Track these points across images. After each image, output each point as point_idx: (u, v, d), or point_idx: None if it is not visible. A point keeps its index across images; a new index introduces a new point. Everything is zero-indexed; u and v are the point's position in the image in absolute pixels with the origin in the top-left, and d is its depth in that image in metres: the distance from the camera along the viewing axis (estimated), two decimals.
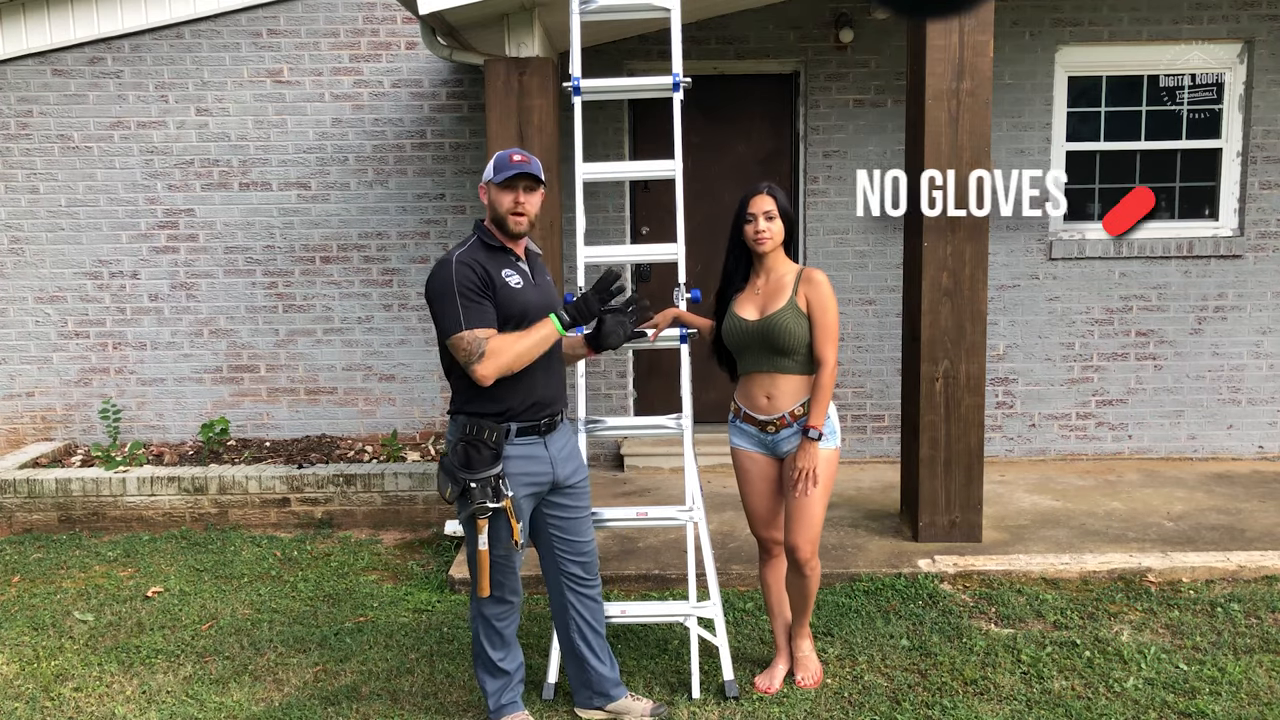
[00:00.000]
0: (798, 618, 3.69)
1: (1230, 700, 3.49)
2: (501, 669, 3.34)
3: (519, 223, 3.14)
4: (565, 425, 3.34)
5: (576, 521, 3.36)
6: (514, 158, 3.12)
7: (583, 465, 3.40)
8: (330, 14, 6.26)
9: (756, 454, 3.54)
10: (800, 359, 3.43)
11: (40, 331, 6.47)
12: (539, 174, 3.14)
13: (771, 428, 3.46)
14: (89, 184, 6.36)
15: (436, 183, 6.39)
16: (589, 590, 3.41)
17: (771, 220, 3.42)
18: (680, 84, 3.82)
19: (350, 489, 5.62)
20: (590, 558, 3.41)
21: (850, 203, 6.28)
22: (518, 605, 3.33)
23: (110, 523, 5.64)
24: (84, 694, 3.74)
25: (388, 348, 6.51)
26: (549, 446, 3.23)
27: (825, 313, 3.39)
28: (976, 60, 4.61)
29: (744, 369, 3.53)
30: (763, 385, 3.46)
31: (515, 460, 3.15)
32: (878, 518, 5.24)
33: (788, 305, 3.39)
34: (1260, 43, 6.15)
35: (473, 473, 3.08)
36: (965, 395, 4.78)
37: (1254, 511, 5.29)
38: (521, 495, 3.18)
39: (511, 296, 3.10)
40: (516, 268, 3.17)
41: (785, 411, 3.43)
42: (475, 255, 3.12)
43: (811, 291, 3.41)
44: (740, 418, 3.55)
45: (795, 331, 3.38)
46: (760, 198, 3.44)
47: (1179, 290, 6.33)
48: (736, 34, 6.19)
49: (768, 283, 3.49)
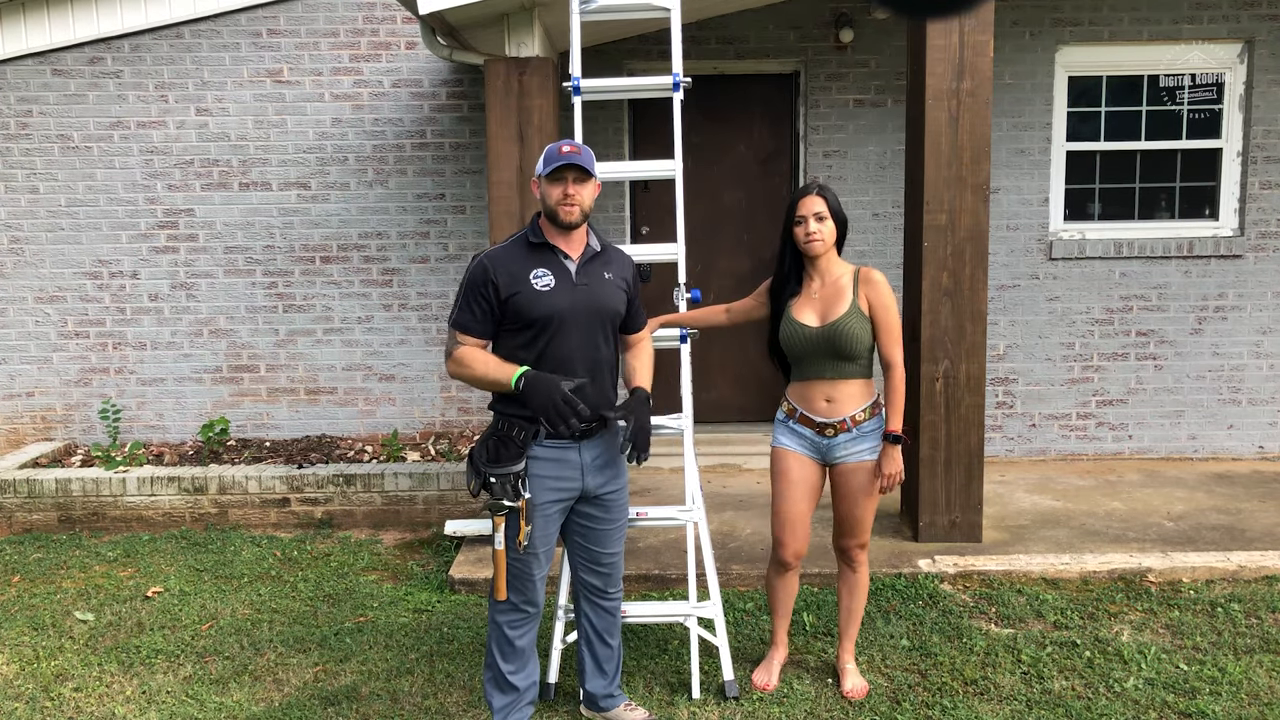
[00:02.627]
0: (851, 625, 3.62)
1: (1230, 700, 3.49)
2: (511, 684, 3.20)
3: (570, 212, 3.04)
4: (607, 436, 3.17)
5: (600, 533, 3.25)
6: (563, 149, 3.04)
7: (619, 477, 3.24)
8: (330, 14, 6.26)
9: (805, 456, 3.44)
10: (864, 363, 3.36)
11: (40, 331, 6.47)
12: (586, 165, 3.03)
13: (830, 430, 3.37)
14: (89, 184, 6.36)
15: (436, 183, 6.39)
16: (604, 602, 3.35)
17: (822, 221, 3.31)
18: (680, 84, 3.81)
19: (350, 489, 5.62)
20: (610, 570, 3.31)
21: (850, 203, 6.28)
22: (535, 617, 3.19)
23: (110, 523, 5.63)
24: (84, 694, 3.74)
25: (388, 348, 6.51)
26: (582, 454, 3.11)
27: (888, 312, 3.31)
28: (976, 60, 4.61)
29: (802, 374, 3.41)
30: (823, 390, 3.36)
31: (541, 463, 3.07)
32: (878, 518, 5.23)
33: (851, 310, 3.30)
34: (1260, 43, 6.15)
35: (495, 467, 3.02)
36: (965, 395, 4.77)
37: (1254, 511, 5.28)
38: (545, 500, 3.08)
39: (533, 300, 3.00)
40: (556, 267, 3.06)
41: (846, 416, 3.35)
42: (506, 254, 3.07)
43: (872, 292, 3.32)
44: (795, 419, 3.44)
45: (861, 336, 3.29)
46: (810, 199, 3.33)
47: (1179, 290, 6.33)
48: (736, 34, 6.19)
49: (824, 286, 3.38)
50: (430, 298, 6.46)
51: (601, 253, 3.18)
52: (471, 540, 5.02)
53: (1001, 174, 6.22)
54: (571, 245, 3.11)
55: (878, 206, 6.28)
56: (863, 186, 6.27)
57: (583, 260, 3.12)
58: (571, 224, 3.06)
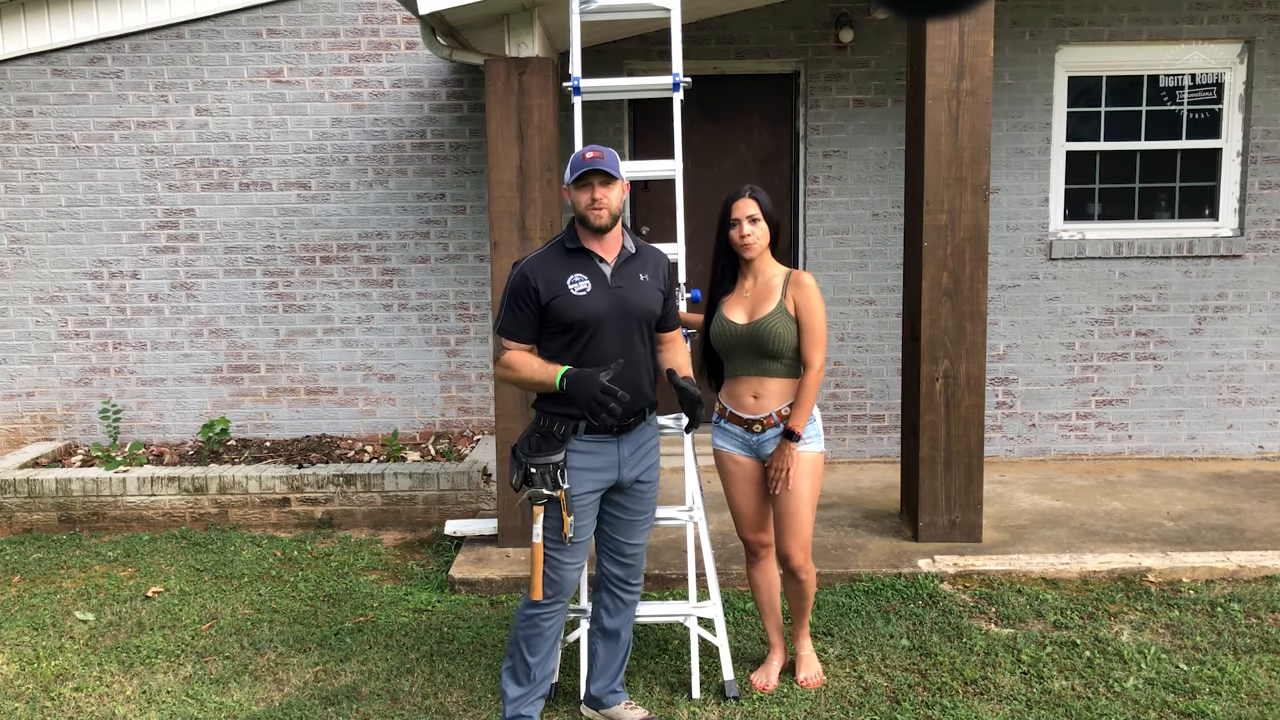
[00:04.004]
0: (797, 619, 3.69)
1: (1230, 700, 3.49)
2: (531, 676, 3.27)
3: (599, 215, 3.12)
4: (645, 428, 3.29)
5: (628, 524, 3.32)
6: (586, 155, 3.12)
7: (652, 469, 3.33)
8: (330, 14, 6.26)
9: (740, 456, 3.54)
10: (788, 362, 3.44)
11: (40, 331, 6.47)
12: (609, 169, 3.10)
13: (758, 426, 3.46)
14: (89, 184, 6.36)
15: (436, 183, 6.39)
16: (624, 594, 3.40)
17: (755, 224, 3.41)
18: (680, 84, 3.82)
19: (350, 489, 5.62)
20: (633, 562, 3.37)
21: (850, 203, 6.29)
22: (564, 606, 3.26)
23: (110, 523, 5.64)
24: (84, 694, 3.74)
25: (388, 348, 6.51)
26: (621, 447, 3.21)
27: (813, 316, 3.40)
28: (976, 60, 4.61)
29: (731, 371, 3.53)
30: (751, 386, 3.47)
31: (580, 455, 3.16)
32: (878, 518, 5.24)
33: (777, 309, 3.39)
34: (1260, 43, 6.15)
35: (536, 456, 3.11)
36: (965, 395, 4.78)
37: (1254, 511, 5.28)
38: (581, 490, 3.16)
39: (571, 304, 3.09)
40: (592, 271, 3.14)
41: (772, 411, 3.44)
42: (544, 261, 3.16)
43: (800, 295, 3.41)
44: (725, 417, 3.55)
45: (784, 335, 3.38)
46: (743, 201, 3.43)
47: (1179, 290, 6.33)
48: (736, 34, 6.19)
49: (756, 285, 3.48)
50: (430, 298, 6.46)
51: (637, 254, 3.26)
52: (471, 540, 5.02)
53: (1001, 174, 6.22)
54: (606, 248, 3.19)
55: (878, 206, 6.28)
56: (863, 186, 6.27)
57: (618, 263, 3.20)
58: (602, 227, 3.15)
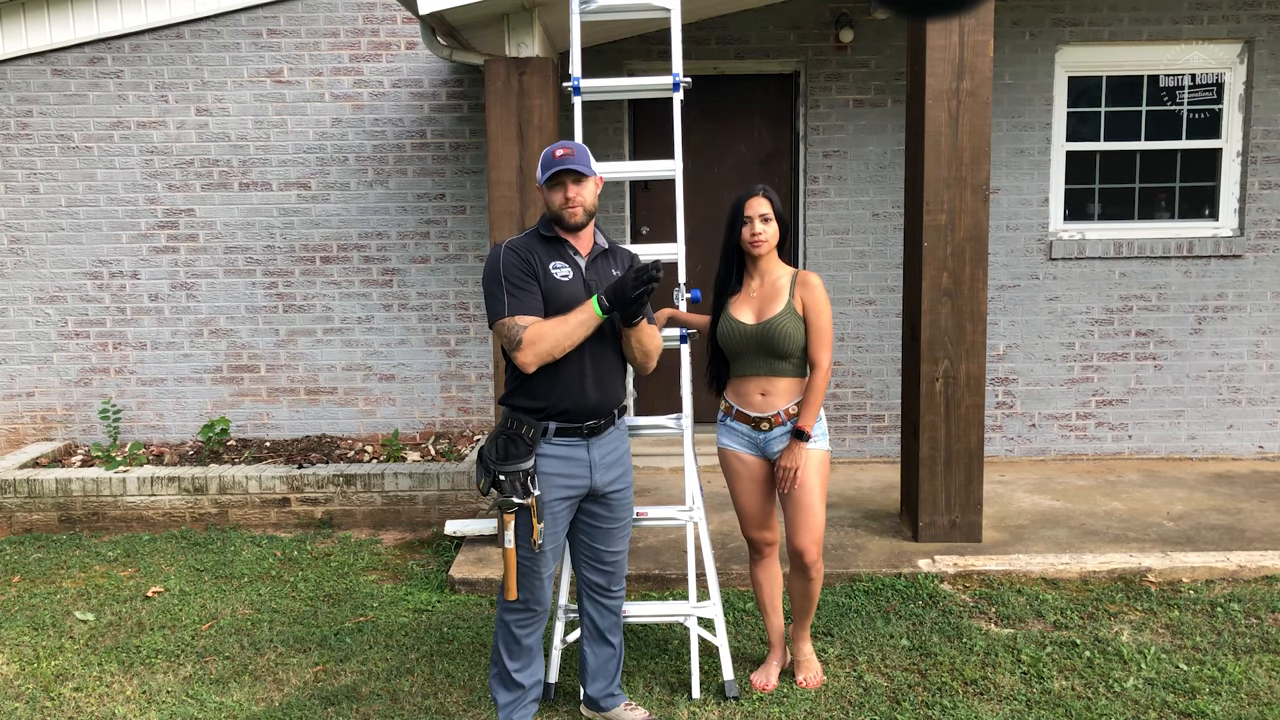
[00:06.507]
0: (800, 620, 3.69)
1: (1230, 700, 3.49)
2: (517, 682, 3.24)
3: (574, 214, 3.12)
4: (615, 432, 3.25)
5: (605, 532, 3.29)
6: (556, 153, 3.09)
7: (625, 475, 3.30)
8: (330, 14, 6.26)
9: (746, 455, 3.55)
10: (796, 362, 3.45)
11: (40, 331, 6.47)
12: (580, 167, 3.08)
13: (765, 424, 3.47)
14: (89, 184, 6.36)
15: (436, 183, 6.39)
16: (607, 600, 3.38)
17: (767, 223, 3.43)
18: (680, 84, 3.81)
19: (350, 489, 5.62)
20: (614, 569, 3.35)
21: (850, 203, 6.29)
22: (542, 616, 3.23)
23: (110, 523, 5.64)
24: (84, 694, 3.74)
25: (388, 348, 6.51)
26: (591, 450, 3.16)
27: (820, 316, 3.42)
28: (976, 60, 4.61)
29: (739, 371, 3.53)
30: (758, 385, 3.47)
31: (550, 460, 3.11)
32: (878, 518, 5.24)
33: (785, 309, 3.41)
34: (1260, 43, 6.15)
35: (504, 464, 3.05)
36: (965, 395, 4.78)
37: (1254, 511, 5.29)
38: (553, 497, 3.12)
39: (556, 289, 3.08)
40: (570, 260, 3.14)
41: (780, 409, 3.45)
42: (526, 243, 3.14)
43: (807, 295, 3.43)
44: (732, 416, 3.55)
45: (794, 335, 3.40)
46: (755, 200, 3.44)
47: (1179, 290, 6.33)
48: (736, 34, 6.19)
49: (763, 285, 3.49)
50: (430, 298, 6.46)
51: (609, 251, 3.26)
52: (471, 540, 5.02)
53: (1001, 174, 6.22)
54: (580, 243, 3.19)
55: (878, 206, 6.28)
56: (863, 186, 6.27)
57: (590, 258, 3.20)
58: (578, 225, 3.14)
